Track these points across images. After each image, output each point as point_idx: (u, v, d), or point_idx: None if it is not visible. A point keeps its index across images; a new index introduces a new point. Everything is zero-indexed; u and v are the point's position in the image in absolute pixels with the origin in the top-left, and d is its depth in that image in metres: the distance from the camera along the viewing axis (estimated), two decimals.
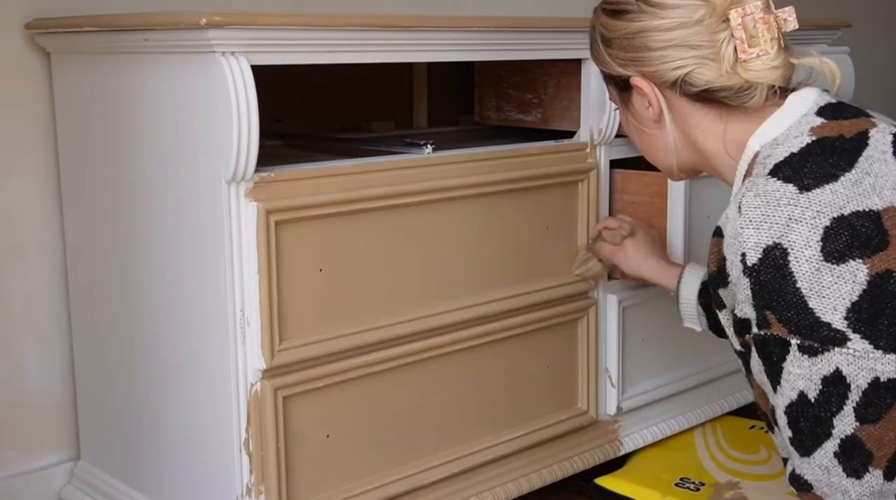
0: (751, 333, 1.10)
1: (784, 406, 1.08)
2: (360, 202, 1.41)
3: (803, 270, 1.04)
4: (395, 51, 1.44)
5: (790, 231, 1.05)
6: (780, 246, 1.05)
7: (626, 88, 1.25)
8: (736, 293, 1.10)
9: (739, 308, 1.10)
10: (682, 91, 1.19)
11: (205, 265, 1.36)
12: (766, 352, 1.08)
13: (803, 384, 1.05)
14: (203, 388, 1.40)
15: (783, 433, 1.10)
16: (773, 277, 1.05)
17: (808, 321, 1.04)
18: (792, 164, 1.09)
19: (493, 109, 1.89)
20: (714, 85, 1.17)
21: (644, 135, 1.28)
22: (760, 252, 1.06)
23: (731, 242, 1.09)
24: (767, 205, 1.07)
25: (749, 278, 1.07)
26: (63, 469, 1.70)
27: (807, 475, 1.08)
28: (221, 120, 1.28)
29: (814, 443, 1.06)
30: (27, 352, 1.66)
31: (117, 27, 1.41)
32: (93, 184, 1.55)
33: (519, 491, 1.67)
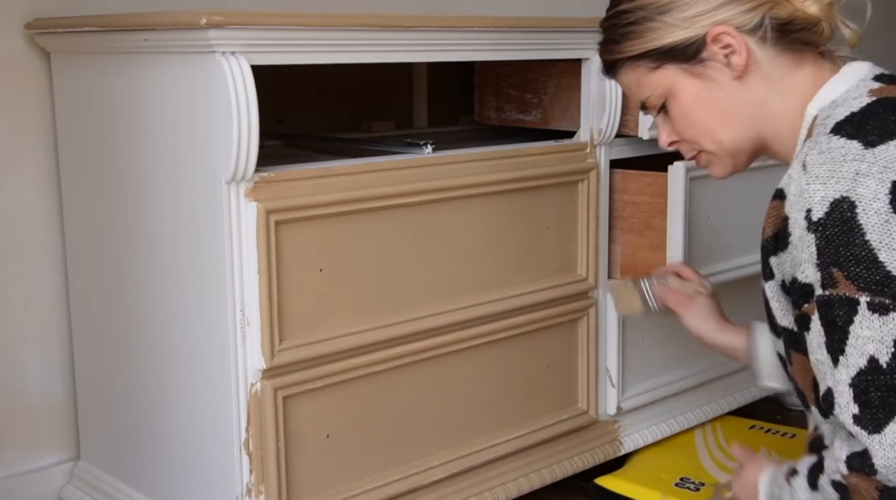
0: (813, 298, 1.04)
1: (850, 378, 1.01)
2: (360, 202, 1.41)
3: (872, 222, 1.00)
4: (395, 51, 1.44)
5: (857, 185, 1.02)
6: (848, 199, 1.02)
7: (695, 54, 1.17)
8: (797, 255, 1.06)
9: (801, 271, 1.05)
10: (769, 30, 1.15)
11: (205, 265, 1.36)
12: (830, 316, 1.02)
13: (874, 348, 0.99)
14: (203, 388, 1.40)
15: (844, 412, 1.02)
16: (840, 230, 1.01)
17: (879, 276, 0.99)
18: (853, 122, 1.07)
19: (493, 109, 1.89)
20: (796, 18, 1.15)
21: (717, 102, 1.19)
22: (827, 206, 1.02)
23: (796, 199, 1.06)
24: (833, 161, 1.04)
25: (815, 234, 1.03)
26: (63, 469, 1.70)
27: (876, 459, 0.99)
28: (221, 120, 1.28)
29: (886, 416, 0.99)
30: (27, 352, 1.66)
31: (117, 27, 1.41)
32: (93, 184, 1.55)
33: (519, 491, 1.67)
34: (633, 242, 1.76)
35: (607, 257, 1.77)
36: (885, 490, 1.00)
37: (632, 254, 1.77)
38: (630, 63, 1.22)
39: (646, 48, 1.19)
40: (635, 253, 1.76)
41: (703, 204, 1.75)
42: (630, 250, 1.77)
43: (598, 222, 1.73)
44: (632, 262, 1.76)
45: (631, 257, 1.77)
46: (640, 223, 1.75)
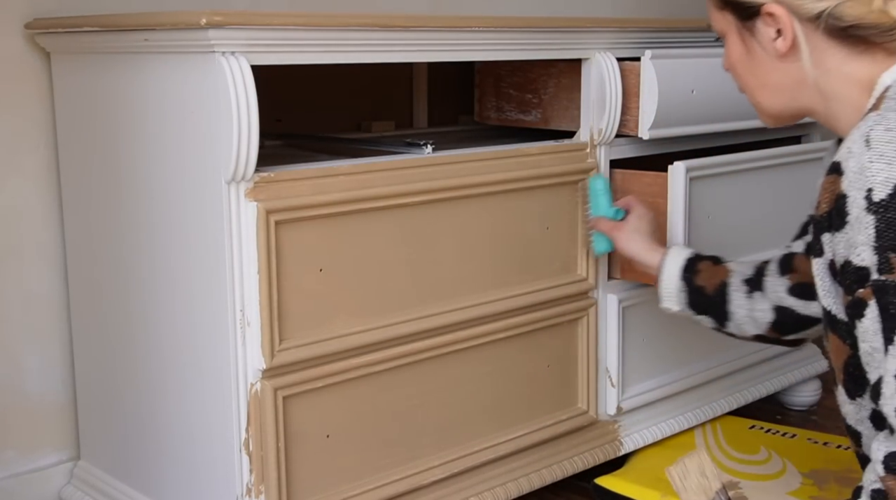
0: (868, 283, 1.00)
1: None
2: (360, 202, 1.41)
3: None
4: (395, 51, 1.44)
5: None
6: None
7: (750, 17, 1.16)
8: (853, 236, 1.01)
9: (857, 254, 1.01)
10: (826, 25, 1.11)
11: (205, 265, 1.36)
12: (885, 302, 0.98)
13: None
14: (203, 388, 1.40)
15: (889, 403, 0.99)
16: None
17: None
18: None
19: (493, 109, 1.89)
20: (863, 21, 1.09)
21: (761, 68, 1.19)
22: (891, 188, 0.98)
23: (856, 177, 1.01)
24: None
25: (875, 216, 0.99)
26: (63, 469, 1.70)
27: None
28: (221, 120, 1.28)
29: None
30: (27, 352, 1.66)
31: (117, 27, 1.41)
32: (93, 184, 1.55)
33: (519, 491, 1.67)
34: None
35: (607, 258, 1.77)
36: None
37: None
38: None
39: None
40: None
41: (703, 204, 1.75)
42: None
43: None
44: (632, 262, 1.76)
45: None
46: None
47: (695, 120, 1.75)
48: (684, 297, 1.53)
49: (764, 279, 1.44)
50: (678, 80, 1.69)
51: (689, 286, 1.52)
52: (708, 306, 1.50)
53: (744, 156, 1.83)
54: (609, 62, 1.67)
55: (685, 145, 1.82)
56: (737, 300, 1.46)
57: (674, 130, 1.72)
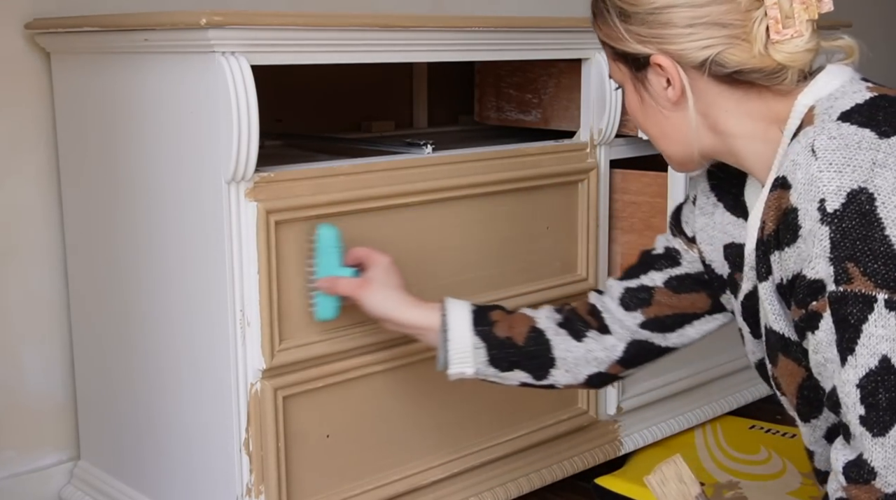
0: (823, 295, 0.99)
1: (859, 378, 0.97)
2: (360, 202, 1.41)
3: (892, 216, 0.96)
4: (395, 51, 1.44)
5: (875, 176, 0.97)
6: (866, 191, 0.96)
7: (642, 67, 1.15)
8: (806, 249, 1.00)
9: (811, 267, 0.99)
10: (710, 72, 1.10)
11: (205, 265, 1.36)
12: (843, 314, 0.97)
13: (887, 347, 0.95)
14: (203, 388, 1.40)
15: (851, 412, 0.99)
16: (857, 223, 0.96)
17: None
18: (862, 111, 1.02)
19: (493, 109, 1.89)
20: (746, 66, 1.08)
21: (656, 117, 1.18)
22: (844, 197, 0.97)
23: (806, 188, 0.99)
24: (847, 148, 0.99)
25: (829, 227, 0.97)
26: (63, 469, 1.70)
27: (875, 460, 0.97)
28: (221, 120, 1.28)
29: (892, 418, 0.96)
30: (27, 352, 1.66)
31: (117, 27, 1.41)
32: (93, 184, 1.55)
33: (519, 491, 1.67)
34: (633, 242, 1.76)
35: (607, 257, 1.77)
36: None
37: (632, 254, 1.76)
38: (600, 42, 1.21)
39: (606, 41, 1.18)
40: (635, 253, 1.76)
41: None
42: (630, 250, 1.77)
43: (598, 222, 1.73)
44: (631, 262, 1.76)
45: (631, 257, 1.76)
46: (640, 223, 1.75)
47: None
48: (482, 354, 1.32)
49: (604, 317, 1.34)
50: None
51: (487, 341, 1.32)
52: (521, 357, 1.33)
53: None
54: None
55: None
56: (563, 344, 1.33)
57: None
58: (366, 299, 1.35)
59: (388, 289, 1.36)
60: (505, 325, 1.33)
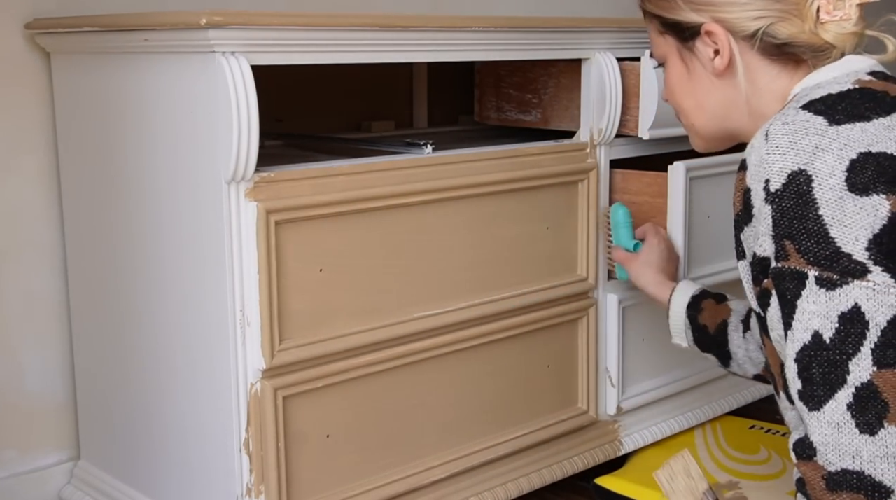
0: (770, 270, 1.05)
1: (795, 352, 1.02)
2: (360, 202, 1.41)
3: (826, 197, 1.00)
4: (395, 51, 1.44)
5: (815, 159, 1.02)
6: (805, 172, 1.02)
7: (691, 37, 1.21)
8: (757, 227, 1.06)
9: (759, 245, 1.06)
10: (761, 42, 1.16)
11: (205, 265, 1.36)
12: (782, 289, 1.03)
13: (818, 323, 1.00)
14: (203, 388, 1.40)
15: (793, 386, 1.03)
16: (795, 203, 1.02)
17: (829, 251, 1.00)
18: (826, 101, 1.07)
19: (493, 109, 1.89)
20: (795, 40, 1.14)
21: (701, 88, 1.23)
22: (784, 178, 1.03)
23: (756, 169, 1.06)
24: (795, 133, 1.04)
25: (771, 206, 1.03)
26: (63, 469, 1.70)
27: (814, 436, 1.00)
28: (221, 120, 1.28)
29: (826, 393, 0.99)
30: (27, 352, 1.66)
31: (117, 27, 1.41)
32: (93, 184, 1.55)
33: (519, 491, 1.67)
34: None
35: (607, 258, 1.77)
36: (829, 479, 0.99)
37: None
38: (648, 16, 1.28)
39: (657, 12, 1.25)
40: None
41: (703, 204, 1.75)
42: None
43: (598, 222, 1.73)
44: None
45: None
46: (640, 223, 1.75)
47: None
48: (690, 334, 1.53)
49: (750, 319, 1.44)
50: None
51: (693, 324, 1.52)
52: (711, 345, 1.50)
53: None
54: (609, 62, 1.67)
55: (685, 145, 1.82)
56: (735, 340, 1.47)
57: (674, 130, 1.72)
58: (629, 272, 1.64)
59: (645, 267, 1.61)
60: (709, 313, 1.49)
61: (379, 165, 1.44)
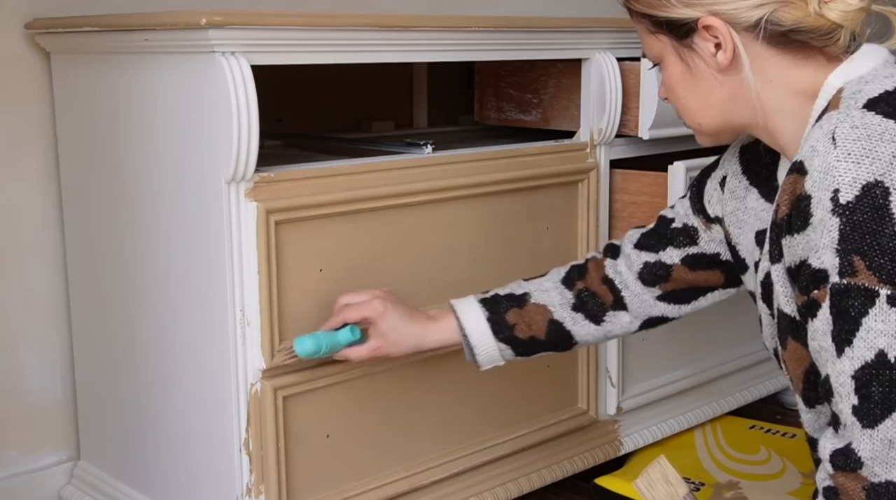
0: (826, 285, 0.99)
1: (855, 369, 0.97)
2: (360, 202, 1.41)
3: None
4: (395, 51, 1.44)
5: (894, 169, 0.96)
6: (882, 184, 0.95)
7: (687, 34, 1.13)
8: (814, 238, 0.99)
9: (817, 256, 0.99)
10: (765, 32, 1.08)
11: (205, 265, 1.36)
12: (844, 306, 0.97)
13: (885, 342, 0.95)
14: (203, 388, 1.40)
15: (844, 401, 0.99)
16: (870, 217, 0.95)
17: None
18: (889, 100, 1.01)
19: (493, 109, 1.89)
20: (802, 25, 1.07)
21: (705, 86, 1.16)
22: (858, 189, 0.96)
23: (821, 176, 0.98)
24: (869, 138, 0.98)
25: (840, 218, 0.97)
26: (63, 469, 1.70)
27: (863, 450, 0.97)
28: (221, 120, 1.28)
29: (883, 412, 0.96)
30: (27, 352, 1.66)
31: (117, 27, 1.41)
32: (93, 184, 1.55)
33: (519, 491, 1.67)
34: None
35: None
36: (871, 489, 0.98)
37: None
38: (636, 16, 1.20)
39: (646, 11, 1.17)
40: None
41: None
42: None
43: (598, 222, 1.73)
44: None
45: None
46: (639, 223, 1.74)
47: None
48: (509, 353, 1.39)
49: (621, 293, 1.37)
50: None
51: (512, 344, 1.38)
52: (545, 346, 1.40)
53: None
54: (609, 62, 1.67)
55: (685, 145, 1.82)
56: (583, 330, 1.39)
57: (674, 130, 1.72)
58: (389, 351, 1.37)
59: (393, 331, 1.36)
60: (523, 325, 1.38)
61: (379, 165, 1.44)
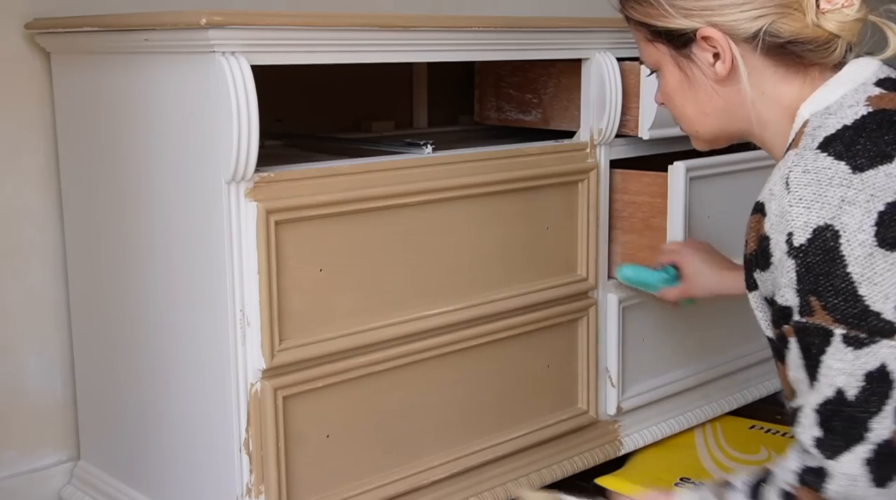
0: (790, 322, 1.03)
1: (817, 404, 1.01)
2: (360, 202, 1.41)
3: (855, 254, 0.97)
4: (395, 51, 1.44)
5: (842, 213, 0.99)
6: (832, 228, 0.99)
7: (685, 44, 1.15)
8: (777, 277, 1.03)
9: (781, 294, 1.03)
10: (763, 44, 1.10)
11: (205, 265, 1.36)
12: (806, 343, 1.01)
13: (843, 381, 0.99)
14: (203, 388, 1.40)
15: (806, 432, 1.02)
16: (822, 259, 0.99)
17: (857, 309, 0.97)
18: (844, 139, 1.03)
19: (493, 109, 1.89)
20: (800, 36, 1.09)
21: (703, 95, 1.17)
22: (810, 232, 0.99)
23: (777, 220, 1.02)
24: (819, 183, 1.00)
25: (795, 260, 1.00)
26: (63, 469, 1.70)
27: (831, 482, 1.01)
28: (221, 120, 1.28)
29: (845, 445, 1.00)
30: (27, 352, 1.66)
31: (117, 27, 1.41)
32: (93, 184, 1.55)
33: None
34: (633, 242, 1.76)
35: (607, 257, 1.77)
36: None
37: (632, 254, 1.77)
38: (633, 24, 1.21)
39: (644, 20, 1.18)
40: (635, 253, 1.76)
41: (703, 204, 1.75)
42: (630, 250, 1.77)
43: (598, 222, 1.73)
44: (632, 262, 1.76)
45: (631, 257, 1.77)
46: (640, 223, 1.75)
47: None
48: None
49: None
50: None
51: None
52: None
53: (744, 156, 1.83)
54: (609, 62, 1.67)
55: (685, 145, 1.81)
56: None
57: (674, 130, 1.71)
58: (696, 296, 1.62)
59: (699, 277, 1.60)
60: None
61: (379, 165, 1.44)
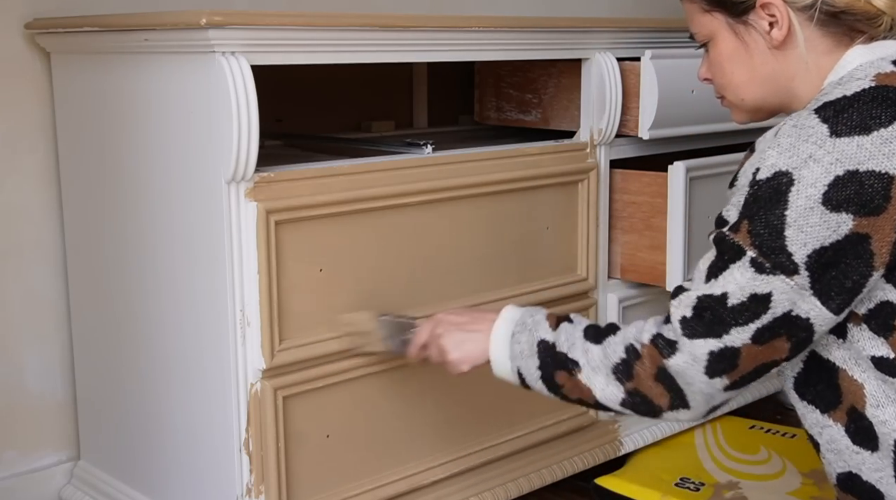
0: (721, 231, 1.14)
1: (703, 294, 1.13)
2: (360, 202, 1.41)
3: (798, 203, 1.08)
4: (395, 51, 1.44)
5: (804, 167, 1.08)
6: (790, 175, 1.09)
7: (743, 12, 1.21)
8: (732, 196, 1.16)
9: (727, 209, 1.16)
10: (819, 11, 1.17)
11: (205, 265, 1.36)
12: (722, 249, 1.13)
13: (732, 289, 1.11)
14: (203, 388, 1.40)
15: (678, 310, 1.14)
16: (769, 196, 1.10)
17: (775, 244, 1.09)
18: (836, 106, 1.10)
19: (493, 109, 1.89)
20: (852, 8, 1.16)
21: (754, 61, 1.23)
22: (771, 173, 1.10)
23: (756, 157, 1.14)
24: (798, 137, 1.10)
25: (750, 189, 1.12)
26: (63, 469, 1.70)
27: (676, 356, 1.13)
28: (221, 120, 1.28)
29: (704, 333, 1.12)
30: (27, 352, 1.66)
31: (117, 27, 1.41)
32: (92, 184, 1.55)
33: (519, 491, 1.67)
34: (633, 242, 1.76)
35: (607, 257, 1.77)
36: (661, 371, 1.14)
37: (632, 254, 1.77)
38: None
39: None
40: (635, 253, 1.76)
41: (703, 204, 1.75)
42: (630, 250, 1.77)
43: (598, 222, 1.73)
44: (632, 262, 1.76)
45: (631, 257, 1.77)
46: (640, 223, 1.75)
47: (694, 120, 1.75)
48: None
49: None
50: (678, 81, 1.69)
51: None
52: None
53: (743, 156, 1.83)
54: (609, 62, 1.67)
55: (685, 145, 1.82)
56: None
57: (674, 130, 1.72)
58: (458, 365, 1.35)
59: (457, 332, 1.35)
60: None
61: (379, 165, 1.44)
